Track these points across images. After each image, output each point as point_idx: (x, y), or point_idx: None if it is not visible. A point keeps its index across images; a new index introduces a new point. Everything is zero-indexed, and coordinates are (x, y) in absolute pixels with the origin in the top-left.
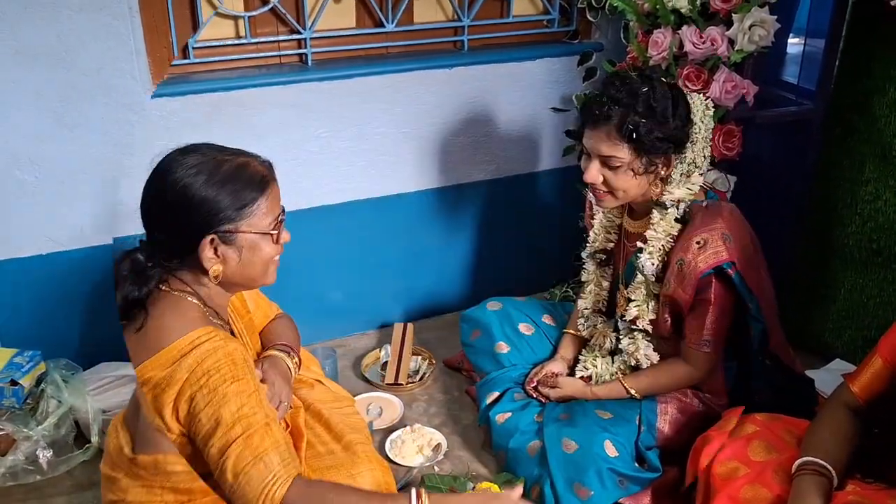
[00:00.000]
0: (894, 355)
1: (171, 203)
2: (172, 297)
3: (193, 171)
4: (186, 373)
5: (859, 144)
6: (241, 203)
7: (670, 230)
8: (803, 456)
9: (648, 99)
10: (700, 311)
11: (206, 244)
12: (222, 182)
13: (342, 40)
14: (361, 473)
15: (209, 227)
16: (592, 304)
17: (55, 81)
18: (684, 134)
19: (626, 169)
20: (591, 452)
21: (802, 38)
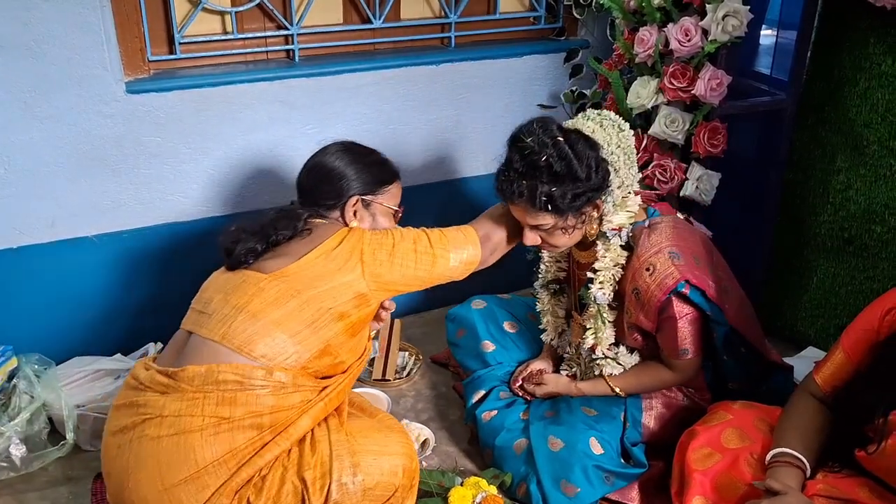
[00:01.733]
0: (855, 349)
1: (331, 169)
2: (324, 222)
3: (349, 152)
4: (359, 241)
5: (831, 135)
6: (381, 180)
7: (617, 259)
8: (776, 447)
9: (550, 166)
10: (668, 328)
11: (352, 200)
12: (371, 164)
13: (329, 36)
14: (394, 437)
15: (357, 190)
16: (553, 332)
17: (24, 71)
18: (600, 178)
19: (555, 230)
20: (577, 450)
21: (775, 30)
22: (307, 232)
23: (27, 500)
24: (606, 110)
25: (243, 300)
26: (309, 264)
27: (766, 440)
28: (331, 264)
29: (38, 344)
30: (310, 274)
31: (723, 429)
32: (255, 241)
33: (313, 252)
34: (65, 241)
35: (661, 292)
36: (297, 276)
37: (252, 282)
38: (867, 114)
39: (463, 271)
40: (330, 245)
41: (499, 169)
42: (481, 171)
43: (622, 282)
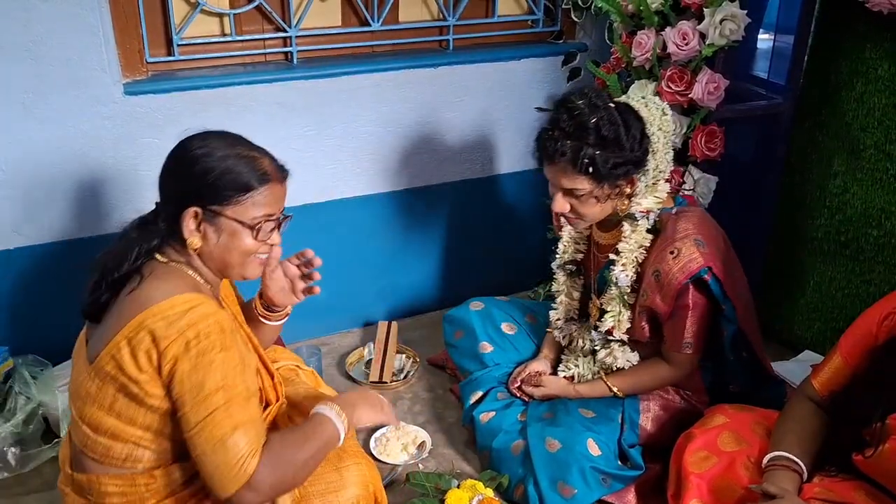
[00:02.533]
0: (853, 353)
1: (175, 167)
2: (168, 266)
3: (207, 146)
4: (176, 333)
5: (828, 139)
6: (234, 188)
7: (642, 241)
8: (773, 450)
9: (599, 129)
10: (679, 316)
11: (189, 213)
12: (227, 164)
13: (328, 38)
14: (348, 467)
15: (197, 200)
16: (564, 314)
17: (22, 72)
18: (642, 152)
19: (589, 197)
20: (575, 451)
21: (772, 34)
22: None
23: (23, 502)
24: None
25: (79, 406)
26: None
27: (763, 443)
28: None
29: (34, 345)
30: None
31: (719, 432)
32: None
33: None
34: (62, 242)
35: (683, 275)
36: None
37: (84, 379)
38: (864, 118)
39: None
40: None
41: (542, 128)
42: (479, 174)
43: (643, 264)
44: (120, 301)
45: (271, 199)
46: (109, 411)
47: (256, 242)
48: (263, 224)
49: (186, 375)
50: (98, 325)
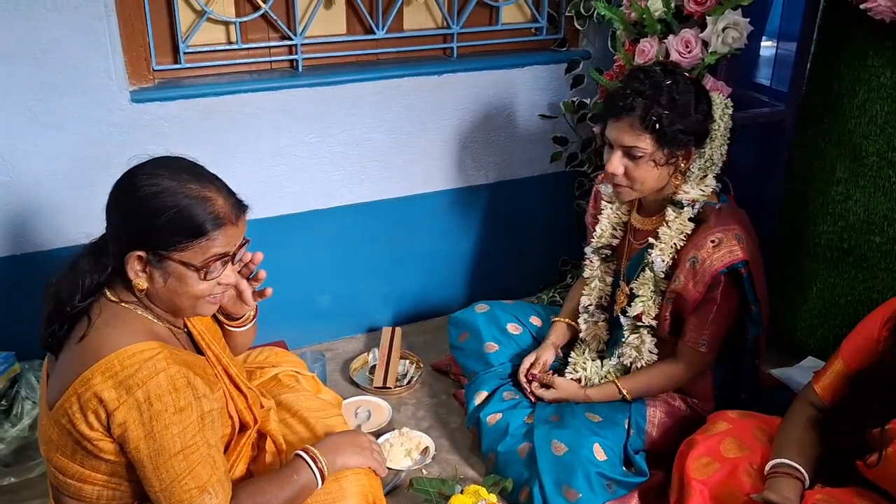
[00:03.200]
0: (854, 358)
1: (122, 205)
2: (114, 307)
3: (156, 184)
4: (126, 394)
5: (830, 145)
6: (184, 233)
7: (684, 229)
8: (775, 457)
9: (672, 91)
10: (704, 309)
11: (133, 257)
12: (175, 207)
13: (333, 46)
14: (347, 477)
15: (142, 243)
16: (596, 299)
17: (29, 80)
18: (704, 129)
19: (647, 160)
20: (580, 455)
21: (774, 42)
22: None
23: None
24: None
25: (44, 450)
26: (66, 401)
27: (765, 450)
28: (80, 414)
29: (40, 350)
30: (72, 416)
31: (722, 438)
32: (54, 324)
33: (78, 381)
34: (68, 247)
35: (720, 263)
36: (64, 420)
37: (45, 425)
38: (866, 125)
39: None
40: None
41: (612, 89)
42: (484, 181)
43: (680, 252)
44: (71, 346)
45: (223, 241)
46: (72, 459)
47: (207, 285)
48: (213, 264)
49: (143, 442)
50: (56, 363)
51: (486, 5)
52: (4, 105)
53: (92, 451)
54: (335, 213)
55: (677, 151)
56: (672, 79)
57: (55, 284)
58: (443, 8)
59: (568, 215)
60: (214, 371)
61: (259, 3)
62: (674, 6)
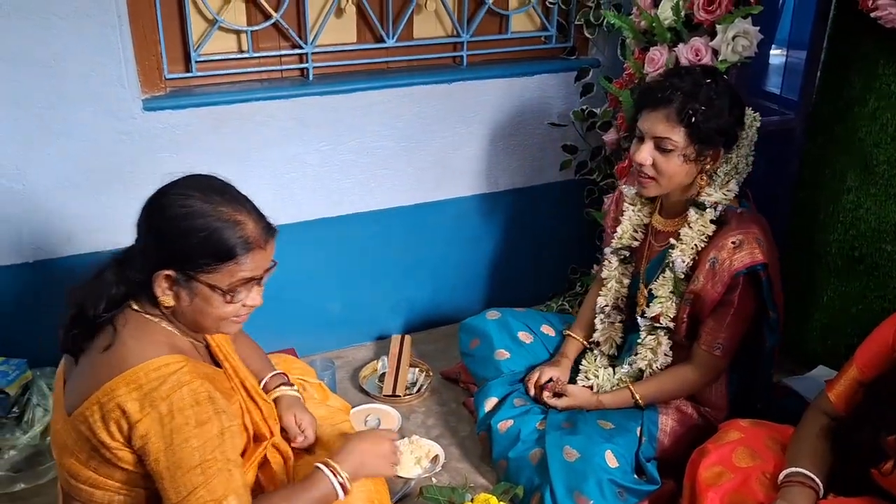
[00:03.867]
0: (869, 365)
1: (153, 223)
2: (140, 318)
3: (188, 205)
4: (149, 407)
5: (841, 154)
6: (213, 256)
7: (706, 230)
8: (789, 466)
9: (710, 91)
10: (721, 312)
11: (161, 276)
12: (206, 230)
13: (343, 55)
14: (354, 497)
15: (171, 262)
16: (612, 300)
17: (42, 87)
18: (735, 133)
19: (677, 153)
20: (593, 462)
21: (784, 50)
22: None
23: None
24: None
25: (57, 454)
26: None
27: (778, 459)
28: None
29: (51, 358)
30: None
31: (734, 447)
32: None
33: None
34: (80, 255)
35: (740, 264)
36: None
37: (61, 428)
38: (877, 134)
39: None
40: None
41: (650, 81)
42: (493, 189)
43: (701, 253)
44: (93, 354)
45: (252, 265)
46: (86, 465)
47: (233, 307)
48: (240, 288)
49: (162, 454)
50: (75, 367)
51: (495, 14)
52: (17, 113)
53: (109, 458)
54: (345, 220)
55: (707, 150)
56: (712, 79)
57: (79, 291)
58: (453, 17)
59: (577, 224)
60: (231, 384)
61: (270, 12)
62: (684, 14)
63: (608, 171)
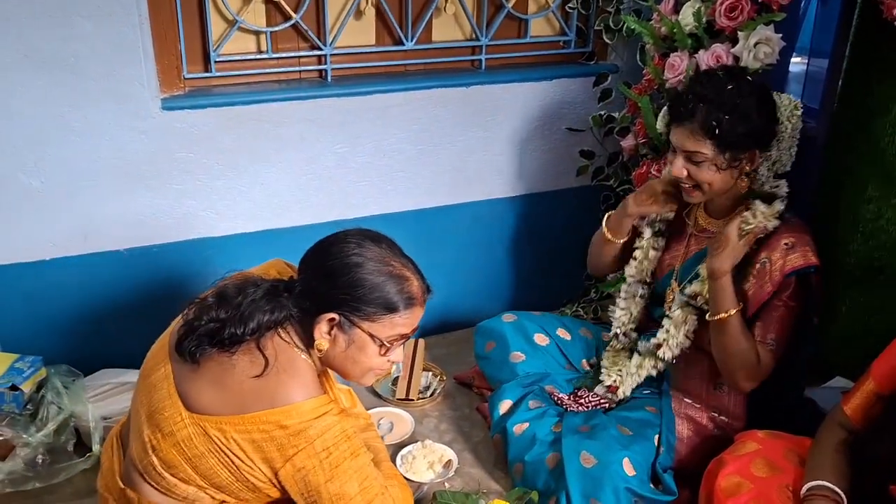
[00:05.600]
0: (886, 378)
1: (325, 267)
2: (289, 350)
3: (363, 255)
4: (305, 443)
5: (862, 164)
6: (380, 306)
7: (770, 220)
8: (811, 479)
9: (734, 96)
10: (771, 310)
11: (325, 318)
12: (378, 280)
13: (361, 57)
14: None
15: (338, 306)
16: (638, 273)
17: (63, 86)
18: (768, 131)
19: (709, 164)
20: (610, 469)
21: (806, 58)
22: (262, 363)
23: None
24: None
25: (158, 439)
26: (237, 427)
27: (797, 471)
28: (254, 441)
29: (66, 355)
30: (233, 437)
31: (752, 458)
32: (217, 326)
33: (252, 416)
34: (96, 254)
35: (792, 265)
36: (218, 433)
37: (172, 418)
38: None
39: None
40: (271, 422)
41: (676, 91)
42: (509, 193)
43: (752, 254)
44: (238, 374)
45: (410, 321)
46: (189, 461)
47: (382, 360)
48: (396, 341)
49: (323, 486)
50: (197, 368)
51: (514, 18)
52: (38, 111)
53: (234, 471)
54: (361, 223)
55: (740, 155)
56: (735, 83)
57: (219, 304)
58: (472, 20)
59: (593, 230)
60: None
61: (290, 13)
62: (705, 21)
63: (625, 177)
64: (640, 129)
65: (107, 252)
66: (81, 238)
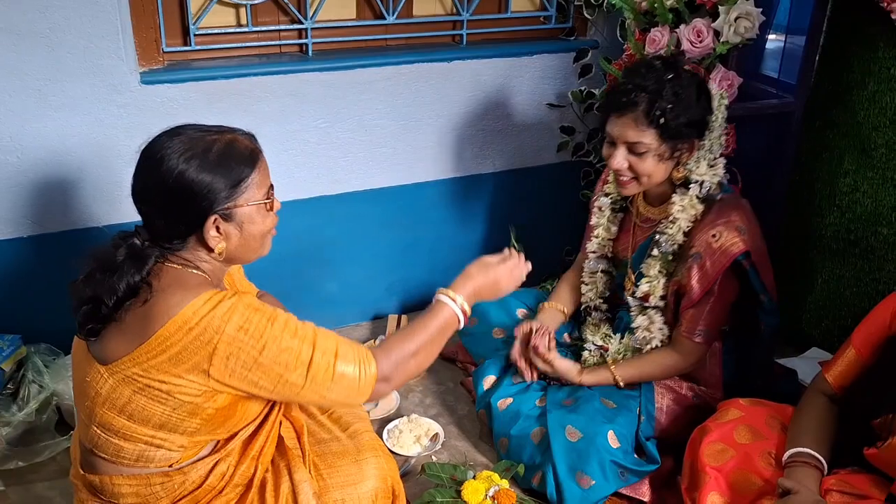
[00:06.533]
0: (866, 346)
1: (170, 191)
2: (175, 270)
3: (186, 156)
4: (215, 333)
5: (838, 137)
6: (236, 180)
7: (692, 209)
8: (792, 446)
9: (675, 85)
10: (704, 300)
11: (209, 225)
12: (216, 163)
13: (342, 31)
14: (367, 459)
15: (210, 209)
16: (598, 247)
17: (39, 59)
18: (706, 121)
19: (652, 154)
20: (596, 443)
21: (782, 35)
22: (149, 290)
23: (36, 490)
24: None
25: (89, 405)
26: (144, 357)
27: (779, 437)
28: (169, 361)
29: (46, 334)
30: (145, 370)
31: (735, 425)
32: (94, 304)
33: (152, 340)
34: (75, 230)
35: (725, 258)
36: (132, 372)
37: (93, 379)
38: (875, 117)
39: (335, 406)
40: (173, 334)
41: (612, 85)
42: (490, 169)
43: (685, 246)
44: (133, 312)
45: (264, 171)
46: (121, 412)
47: (271, 217)
48: (271, 194)
49: (259, 359)
50: (108, 331)
51: None
52: (14, 85)
53: (159, 396)
54: (342, 199)
55: (681, 144)
56: (674, 72)
57: (92, 284)
58: None
59: (573, 205)
60: None
61: None
62: None
63: None
64: None
65: (86, 228)
66: (60, 214)
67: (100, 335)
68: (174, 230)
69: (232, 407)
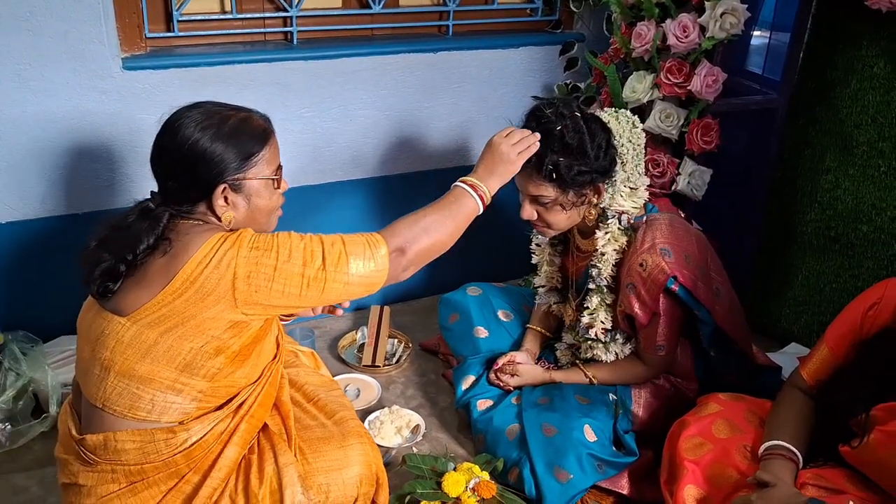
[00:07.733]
0: (839, 344)
1: (184, 157)
2: (188, 223)
3: (201, 126)
4: (232, 259)
5: (821, 134)
6: (246, 154)
7: (615, 242)
8: (769, 440)
9: (563, 137)
10: (652, 323)
11: (218, 193)
12: (229, 135)
13: (328, 20)
14: (352, 446)
15: (220, 177)
16: (546, 280)
17: (19, 44)
18: (607, 162)
19: (554, 205)
20: (572, 438)
21: (767, 31)
22: (168, 243)
23: (13, 480)
24: (624, 109)
25: (107, 356)
26: (170, 298)
27: (757, 432)
28: (195, 295)
29: (24, 321)
30: (172, 310)
31: (713, 419)
32: (112, 261)
33: (176, 280)
34: (54, 217)
35: (656, 287)
36: (158, 315)
37: (112, 330)
38: (858, 115)
39: (363, 293)
40: (194, 270)
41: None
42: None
43: (620, 273)
44: (154, 263)
45: (274, 150)
46: (145, 356)
47: (278, 195)
48: (279, 173)
49: (276, 267)
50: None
51: None
52: None
53: (189, 331)
54: (327, 188)
55: (583, 191)
56: (562, 123)
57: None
58: None
59: None
60: None
61: None
62: None
63: None
64: (605, 98)
65: (65, 215)
66: (39, 201)
67: (115, 293)
68: (185, 195)
69: (253, 345)
